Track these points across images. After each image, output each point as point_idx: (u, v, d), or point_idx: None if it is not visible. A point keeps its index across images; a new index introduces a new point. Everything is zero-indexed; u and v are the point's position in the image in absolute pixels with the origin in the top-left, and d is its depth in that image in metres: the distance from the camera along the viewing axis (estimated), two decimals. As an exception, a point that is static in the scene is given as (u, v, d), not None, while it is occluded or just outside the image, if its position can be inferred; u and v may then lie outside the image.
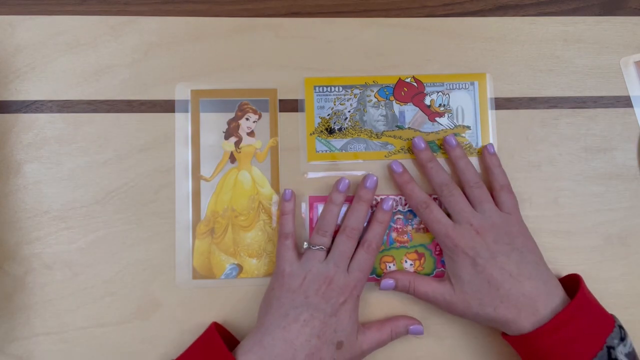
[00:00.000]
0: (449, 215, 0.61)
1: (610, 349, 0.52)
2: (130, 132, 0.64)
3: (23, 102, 0.64)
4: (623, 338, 0.54)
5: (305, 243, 0.61)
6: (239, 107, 0.65)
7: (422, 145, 0.63)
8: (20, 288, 0.62)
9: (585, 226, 0.65)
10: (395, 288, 0.62)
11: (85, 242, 0.63)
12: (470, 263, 0.57)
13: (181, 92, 0.65)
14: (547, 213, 0.65)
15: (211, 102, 0.65)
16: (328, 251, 0.60)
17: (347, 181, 0.62)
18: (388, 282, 0.61)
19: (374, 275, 0.64)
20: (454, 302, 0.59)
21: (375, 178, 0.62)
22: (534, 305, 0.55)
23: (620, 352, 0.52)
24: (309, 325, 0.56)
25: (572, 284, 0.59)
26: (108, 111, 0.65)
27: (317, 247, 0.59)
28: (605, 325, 0.54)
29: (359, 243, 0.61)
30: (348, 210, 0.62)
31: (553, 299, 0.56)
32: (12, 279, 0.62)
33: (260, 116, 0.65)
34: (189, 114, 0.64)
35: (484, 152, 0.64)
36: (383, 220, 0.62)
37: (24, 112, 0.64)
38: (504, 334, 0.59)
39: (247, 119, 0.65)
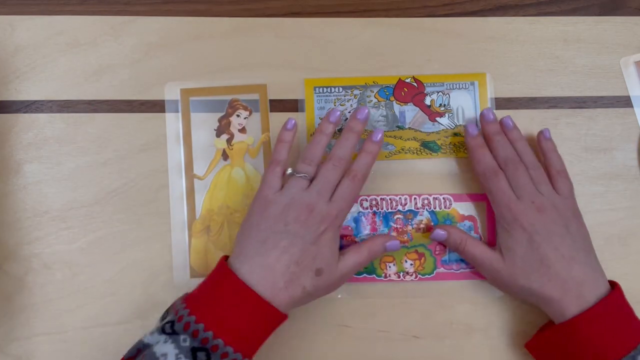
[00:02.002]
0: None
1: None
2: (130, 132, 0.64)
3: (23, 102, 0.64)
4: None
5: (289, 170, 0.59)
6: (229, 104, 0.65)
7: (491, 117, 0.63)
8: (20, 288, 0.62)
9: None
10: (446, 241, 0.62)
11: (85, 242, 0.63)
12: (527, 238, 0.57)
13: (171, 91, 0.65)
14: (547, 213, 0.65)
15: (202, 102, 0.65)
16: (312, 181, 0.58)
17: (338, 112, 0.61)
18: (440, 232, 0.61)
19: (374, 275, 0.64)
20: (502, 271, 0.58)
21: (367, 109, 0.61)
22: (580, 290, 0.55)
23: None
24: (288, 252, 0.55)
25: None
26: (108, 111, 0.65)
27: (301, 175, 0.58)
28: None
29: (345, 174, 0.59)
30: (337, 140, 0.60)
31: (599, 287, 0.56)
32: (12, 279, 0.62)
33: (250, 112, 0.65)
34: (180, 114, 0.64)
35: (539, 137, 0.63)
36: (371, 151, 0.60)
37: (24, 112, 0.64)
38: (529, 342, 0.59)
39: (237, 116, 0.65)
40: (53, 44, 0.65)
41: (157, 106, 0.65)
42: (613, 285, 0.58)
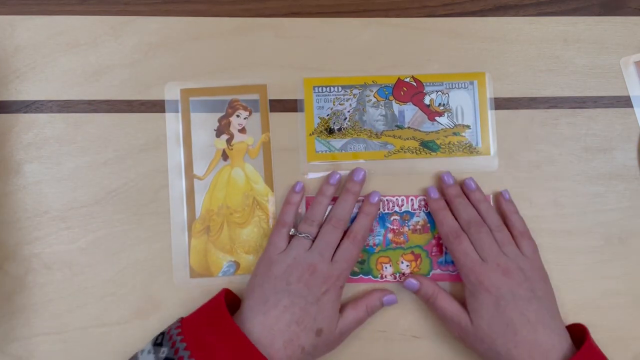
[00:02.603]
0: None
1: None
2: (130, 132, 0.64)
3: (23, 102, 0.64)
4: None
5: (292, 230, 0.61)
6: (229, 104, 0.65)
7: (451, 180, 0.63)
8: (20, 288, 0.62)
9: (585, 226, 0.65)
10: (418, 292, 0.62)
11: (85, 242, 0.63)
12: (492, 302, 0.57)
13: (171, 92, 0.65)
14: (547, 213, 0.65)
15: (202, 102, 0.65)
16: (314, 241, 0.60)
17: (338, 175, 0.63)
18: (412, 282, 0.62)
19: (370, 276, 0.64)
20: (469, 332, 0.58)
21: (363, 171, 0.63)
22: (547, 355, 0.55)
23: None
24: (289, 312, 0.56)
25: (578, 333, 0.59)
26: (108, 111, 0.65)
27: (304, 235, 0.60)
28: None
29: (345, 234, 0.61)
30: (336, 201, 0.62)
31: (563, 351, 0.55)
32: (12, 279, 0.63)
33: (250, 112, 0.65)
34: (180, 114, 0.64)
35: (499, 199, 0.64)
36: (369, 212, 0.62)
37: (24, 112, 0.64)
38: None
39: (237, 116, 0.65)
40: (53, 44, 0.65)
41: (157, 106, 0.65)
42: (581, 330, 0.58)
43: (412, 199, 0.65)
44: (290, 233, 0.61)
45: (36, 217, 0.63)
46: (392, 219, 0.64)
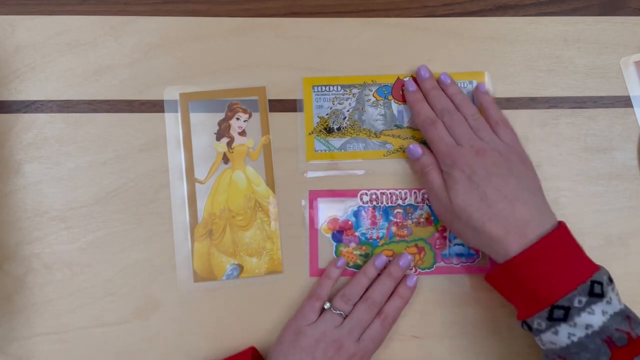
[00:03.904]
0: None
1: (596, 283, 0.51)
2: (130, 132, 0.64)
3: (23, 102, 0.64)
4: (611, 280, 0.54)
5: (327, 304, 0.61)
6: (228, 107, 0.65)
7: (427, 74, 0.64)
8: (20, 288, 0.62)
9: (585, 226, 0.65)
10: (418, 159, 0.62)
11: (85, 242, 0.63)
12: (466, 178, 0.57)
13: (169, 96, 0.65)
14: (547, 213, 0.65)
15: (200, 104, 0.65)
16: (346, 317, 0.60)
17: (385, 258, 0.63)
18: (417, 149, 0.62)
19: None
20: (447, 209, 0.58)
21: (410, 258, 0.63)
22: (524, 229, 0.54)
23: (611, 291, 0.52)
24: None
25: None
26: (108, 111, 0.65)
27: (337, 312, 0.60)
28: (591, 264, 0.54)
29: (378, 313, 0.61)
30: (375, 281, 0.62)
31: (544, 227, 0.54)
32: (12, 279, 0.63)
33: (250, 115, 0.65)
34: (179, 117, 0.64)
35: (475, 92, 0.65)
36: (404, 296, 0.62)
37: (24, 112, 0.64)
38: (487, 275, 0.58)
39: (237, 119, 0.65)
40: (53, 44, 0.65)
41: (157, 106, 0.65)
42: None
43: (415, 192, 0.64)
44: (325, 307, 0.61)
45: (36, 217, 0.63)
46: (395, 212, 0.64)
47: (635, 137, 0.66)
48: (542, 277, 0.52)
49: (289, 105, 0.65)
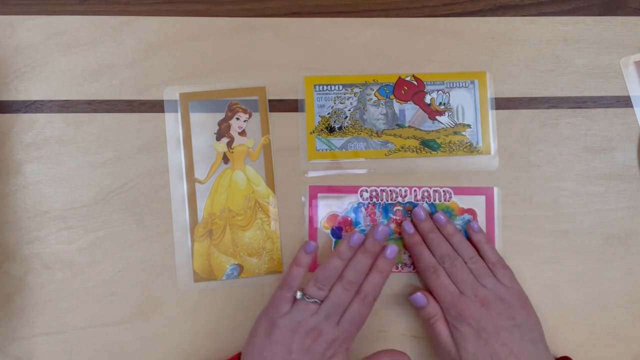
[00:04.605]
0: None
1: None
2: (130, 132, 0.64)
3: (23, 102, 0.64)
4: None
5: (298, 293, 0.57)
6: (228, 107, 0.65)
7: (423, 215, 0.63)
8: (20, 288, 0.62)
9: (585, 226, 0.65)
10: (422, 309, 0.60)
11: (85, 242, 0.63)
12: (474, 335, 0.56)
13: (169, 95, 0.65)
14: (547, 213, 0.65)
15: (200, 104, 0.65)
16: (322, 302, 0.57)
17: (360, 235, 0.60)
18: (421, 298, 0.60)
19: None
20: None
21: (386, 229, 0.60)
22: None
23: None
24: None
25: None
26: (108, 111, 0.65)
27: (312, 300, 0.57)
28: None
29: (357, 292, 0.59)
30: (351, 259, 0.59)
31: None
32: (12, 279, 0.62)
33: (250, 115, 0.65)
34: (179, 117, 0.64)
35: (469, 231, 0.63)
36: (384, 270, 0.59)
37: (24, 112, 0.64)
38: None
39: (237, 119, 0.65)
40: (53, 44, 0.65)
41: (156, 106, 0.65)
42: None
43: (415, 190, 0.65)
44: (297, 297, 0.57)
45: (36, 217, 0.63)
46: (395, 209, 0.64)
47: (635, 137, 0.66)
48: None
49: (289, 105, 0.65)
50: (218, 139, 0.65)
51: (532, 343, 0.57)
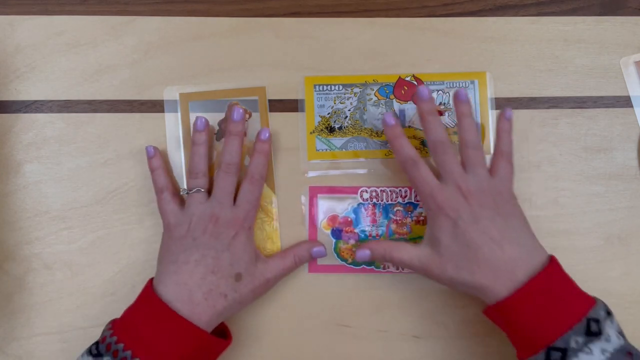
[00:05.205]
0: (437, 175, 0.58)
1: (592, 321, 0.49)
2: (130, 132, 0.64)
3: (23, 102, 0.64)
4: (609, 313, 0.51)
5: (182, 190, 0.61)
6: (228, 107, 0.65)
7: (427, 95, 0.59)
8: (20, 288, 0.62)
9: (585, 226, 0.65)
10: (372, 258, 0.59)
11: (85, 242, 0.63)
12: (451, 225, 0.54)
13: (169, 96, 0.65)
14: (547, 213, 0.65)
15: (200, 104, 0.65)
16: (209, 192, 0.59)
17: (202, 119, 0.61)
18: (364, 252, 0.59)
19: (373, 267, 0.63)
20: (430, 264, 0.56)
21: (241, 110, 0.61)
22: (512, 271, 0.52)
23: (609, 326, 0.50)
24: (201, 264, 0.55)
25: None
26: (108, 111, 0.65)
27: (195, 190, 0.59)
28: (586, 299, 0.52)
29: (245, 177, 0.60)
30: (223, 147, 0.61)
31: (533, 264, 0.53)
32: (12, 279, 0.62)
33: (250, 115, 0.65)
34: (179, 117, 0.64)
35: (499, 115, 0.62)
36: (262, 150, 0.61)
37: (24, 112, 0.64)
38: (485, 311, 0.56)
39: None
40: (53, 44, 0.65)
41: (157, 106, 0.65)
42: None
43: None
44: (182, 193, 0.61)
45: (36, 217, 0.63)
46: (395, 209, 0.64)
47: (635, 137, 0.66)
48: (535, 319, 0.50)
49: (289, 105, 0.65)
50: (218, 139, 0.65)
51: (516, 230, 0.55)
